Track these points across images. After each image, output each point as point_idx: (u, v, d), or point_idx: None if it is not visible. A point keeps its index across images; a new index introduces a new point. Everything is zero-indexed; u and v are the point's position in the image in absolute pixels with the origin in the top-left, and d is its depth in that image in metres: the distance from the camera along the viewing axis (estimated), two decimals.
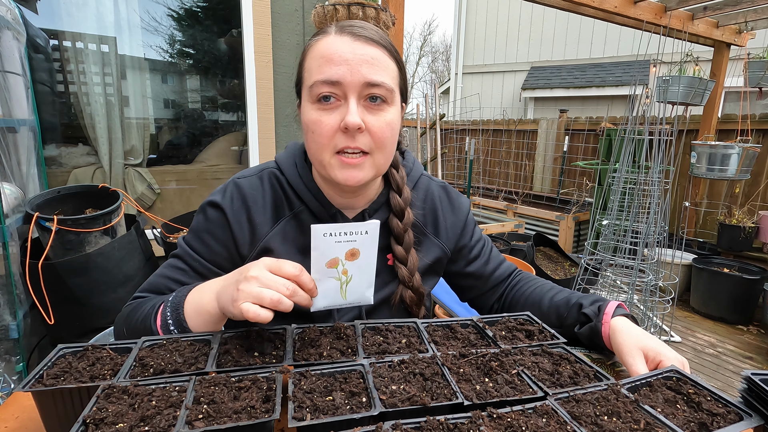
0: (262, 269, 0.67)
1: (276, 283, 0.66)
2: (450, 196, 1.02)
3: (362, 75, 0.75)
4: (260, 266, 0.67)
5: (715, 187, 4.59)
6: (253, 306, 0.64)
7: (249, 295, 0.64)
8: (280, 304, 0.64)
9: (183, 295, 0.77)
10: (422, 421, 0.53)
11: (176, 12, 2.88)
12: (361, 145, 0.77)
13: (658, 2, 3.61)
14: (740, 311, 3.71)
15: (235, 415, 0.52)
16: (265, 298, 0.64)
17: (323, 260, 0.70)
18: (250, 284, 0.65)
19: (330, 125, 0.76)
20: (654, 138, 2.89)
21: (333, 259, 0.71)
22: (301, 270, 0.69)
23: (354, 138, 0.76)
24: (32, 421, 0.65)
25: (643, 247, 2.95)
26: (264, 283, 0.65)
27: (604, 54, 8.40)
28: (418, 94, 23.22)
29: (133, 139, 2.69)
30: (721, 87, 4.31)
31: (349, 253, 0.71)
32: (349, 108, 0.75)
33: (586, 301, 0.90)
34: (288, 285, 0.66)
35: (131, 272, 1.91)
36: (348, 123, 0.74)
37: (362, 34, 0.77)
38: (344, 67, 0.74)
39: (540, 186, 6.53)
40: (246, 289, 0.65)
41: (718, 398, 0.62)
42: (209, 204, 0.88)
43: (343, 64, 0.74)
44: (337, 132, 0.76)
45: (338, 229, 0.69)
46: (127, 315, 0.84)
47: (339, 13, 1.91)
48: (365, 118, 0.76)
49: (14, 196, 1.79)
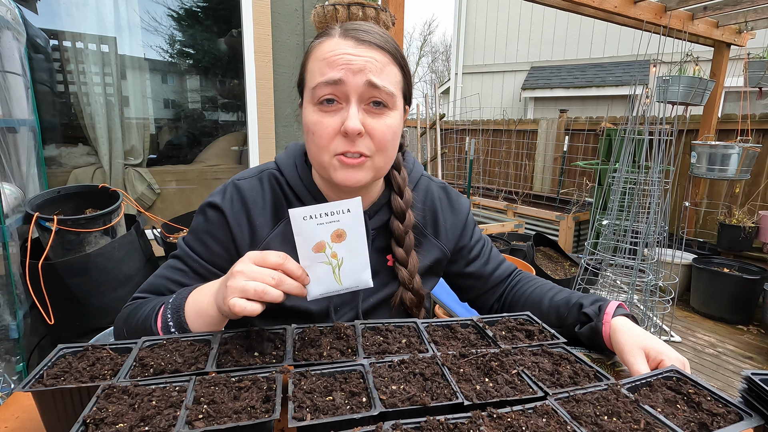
0: (248, 263, 0.67)
1: (261, 274, 0.65)
2: (450, 196, 1.02)
3: (364, 79, 0.74)
4: (245, 260, 0.68)
5: (715, 187, 4.59)
6: (240, 300, 0.63)
7: (235, 289, 0.64)
8: (265, 295, 0.64)
9: (183, 297, 0.77)
10: (422, 421, 0.53)
11: (176, 12, 2.88)
12: (361, 149, 0.77)
13: (658, 2, 3.61)
14: (740, 311, 3.70)
15: (235, 415, 0.52)
16: (249, 290, 0.63)
17: (309, 245, 0.69)
18: (236, 279, 0.65)
19: (331, 127, 0.76)
20: (654, 138, 2.89)
21: (319, 242, 0.69)
22: (286, 258, 0.68)
23: (354, 142, 0.76)
24: (32, 421, 0.65)
25: (643, 247, 2.95)
26: (249, 276, 0.65)
27: (604, 54, 8.40)
28: (418, 94, 23.19)
29: (133, 139, 2.69)
30: (721, 87, 4.31)
31: (335, 235, 0.69)
32: (350, 112, 0.75)
33: (587, 301, 0.90)
34: (273, 275, 0.66)
35: (131, 272, 1.91)
36: (348, 128, 0.74)
37: (366, 38, 0.76)
38: (346, 70, 0.74)
39: (540, 186, 6.53)
40: (232, 284, 0.65)
41: (718, 398, 0.62)
42: (209, 205, 0.88)
43: (345, 67, 0.74)
44: (338, 135, 0.76)
45: (318, 211, 0.67)
46: (127, 316, 0.84)
47: (339, 13, 1.91)
48: (366, 121, 0.76)
49: (14, 196, 1.79)
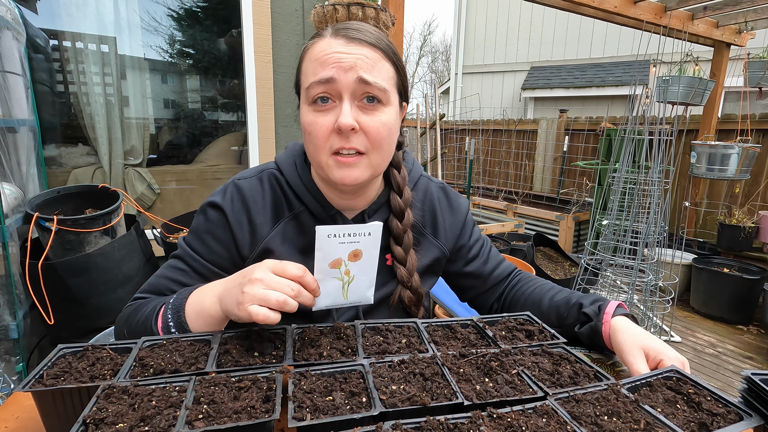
0: (266, 271, 0.67)
1: (281, 285, 0.66)
2: (449, 196, 1.03)
3: (355, 76, 0.75)
4: (264, 268, 0.68)
5: (715, 187, 4.59)
6: (262, 309, 0.64)
7: (255, 297, 0.65)
8: (286, 305, 0.65)
9: (184, 297, 0.77)
10: (422, 421, 0.53)
11: (176, 12, 2.88)
12: (356, 146, 0.77)
13: (658, 2, 3.61)
14: (740, 311, 3.70)
15: (235, 415, 0.52)
16: (271, 300, 0.64)
17: (326, 261, 0.71)
18: (255, 286, 0.66)
19: (325, 126, 0.77)
20: (654, 138, 2.89)
21: (336, 259, 0.72)
22: (305, 271, 0.70)
23: (348, 139, 0.77)
24: (32, 421, 0.65)
25: (643, 247, 2.95)
26: (269, 285, 0.66)
27: (604, 54, 8.40)
28: (418, 94, 23.22)
29: (133, 139, 2.69)
30: (721, 87, 4.31)
31: (352, 254, 0.72)
32: (342, 109, 0.75)
33: (587, 301, 0.90)
34: (293, 286, 0.67)
35: (131, 272, 1.91)
36: (341, 124, 0.75)
37: (356, 36, 0.77)
38: (337, 68, 0.75)
39: (540, 186, 6.53)
40: (251, 291, 0.65)
41: (718, 398, 0.62)
42: (209, 205, 0.88)
43: (336, 65, 0.75)
44: (332, 133, 0.77)
45: (342, 231, 0.70)
46: (128, 316, 0.84)
47: (339, 13, 1.91)
48: (360, 118, 0.77)
49: (14, 196, 1.79)
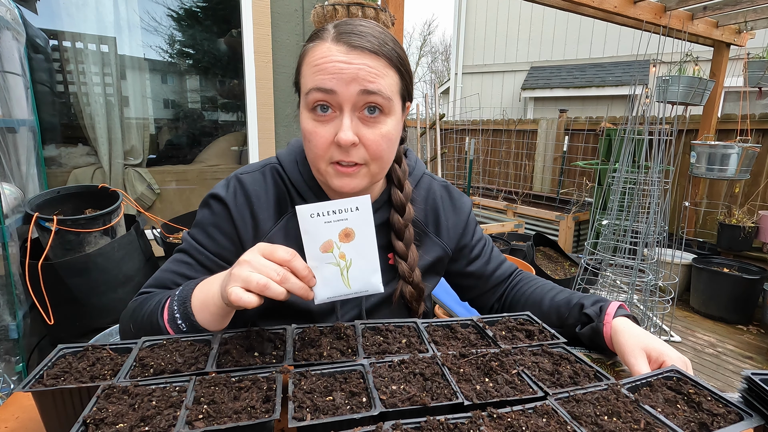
0: (256, 254, 0.66)
1: (266, 268, 0.64)
2: (452, 195, 1.02)
3: (357, 88, 0.73)
4: (254, 251, 0.67)
5: (714, 187, 4.59)
6: (238, 289, 0.62)
7: (238, 278, 0.63)
8: (267, 289, 0.62)
9: (190, 289, 0.76)
10: (422, 421, 0.53)
11: (176, 12, 2.88)
12: (355, 159, 0.76)
13: (658, 2, 3.61)
14: (740, 311, 3.71)
15: (235, 415, 0.52)
16: (252, 282, 0.62)
17: (316, 244, 0.67)
18: (241, 268, 0.64)
19: (325, 137, 0.75)
20: (654, 138, 2.89)
21: (326, 242, 0.67)
22: (294, 255, 0.66)
23: (348, 152, 0.75)
24: (32, 421, 0.65)
25: (642, 247, 2.95)
26: (254, 267, 0.64)
27: (603, 54, 8.40)
28: (418, 94, 23.21)
29: (132, 139, 2.69)
30: (720, 87, 4.32)
31: (343, 234, 0.67)
32: (343, 123, 0.74)
33: (588, 302, 0.89)
34: (278, 270, 0.64)
35: (131, 272, 1.91)
36: (341, 140, 0.73)
37: (358, 43, 0.74)
38: (338, 80, 0.72)
39: (540, 186, 6.53)
40: (236, 272, 0.64)
41: (719, 398, 0.62)
42: (213, 197, 0.87)
43: (336, 76, 0.72)
44: (332, 145, 0.76)
45: (326, 208, 0.66)
46: (133, 311, 0.83)
47: (338, 14, 1.91)
48: (360, 131, 0.75)
49: (14, 196, 1.79)
